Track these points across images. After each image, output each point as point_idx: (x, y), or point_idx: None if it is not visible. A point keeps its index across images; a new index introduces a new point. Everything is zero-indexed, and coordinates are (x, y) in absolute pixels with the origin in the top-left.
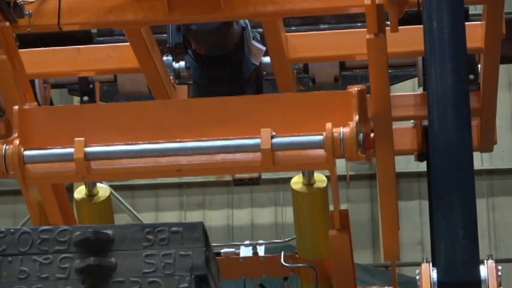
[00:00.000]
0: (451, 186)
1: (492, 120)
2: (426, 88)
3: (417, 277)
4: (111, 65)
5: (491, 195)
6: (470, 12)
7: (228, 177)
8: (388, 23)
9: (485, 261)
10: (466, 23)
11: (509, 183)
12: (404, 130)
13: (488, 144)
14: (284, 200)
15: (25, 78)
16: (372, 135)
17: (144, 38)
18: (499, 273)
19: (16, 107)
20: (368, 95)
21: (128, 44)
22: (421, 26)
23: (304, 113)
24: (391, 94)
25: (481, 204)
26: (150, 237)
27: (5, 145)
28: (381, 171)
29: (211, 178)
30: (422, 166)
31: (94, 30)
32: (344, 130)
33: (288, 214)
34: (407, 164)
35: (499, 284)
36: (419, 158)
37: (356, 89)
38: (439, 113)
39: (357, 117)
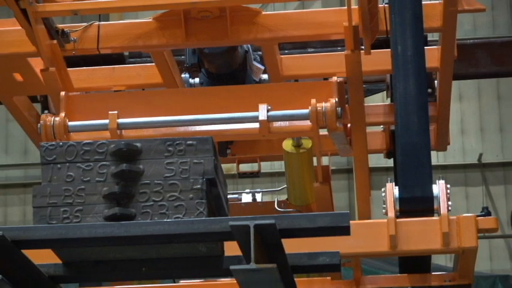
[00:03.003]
0: (413, 179)
1: (446, 125)
2: (393, 99)
3: (383, 194)
4: (140, 81)
5: None
6: (428, 39)
7: (234, 171)
8: (363, 47)
9: (437, 181)
10: (426, 47)
11: (459, 176)
12: (375, 133)
13: (443, 144)
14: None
15: (71, 87)
16: (349, 125)
17: (167, 59)
18: (448, 191)
19: (63, 93)
20: (347, 105)
21: (154, 64)
22: (389, 49)
23: (293, 95)
24: (365, 105)
25: None
26: (170, 148)
27: (53, 117)
28: (357, 152)
29: None
30: (390, 162)
31: (126, 53)
32: (326, 105)
33: None
34: (377, 160)
35: (448, 199)
36: (388, 155)
37: (336, 79)
38: (404, 119)
39: (337, 98)
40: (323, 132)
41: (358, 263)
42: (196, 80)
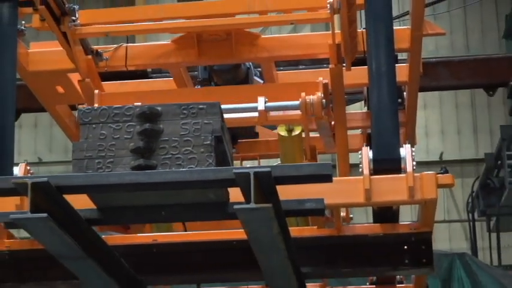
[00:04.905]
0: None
1: (413, 129)
2: (369, 108)
3: (359, 156)
4: None
5: None
6: (398, 58)
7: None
8: (345, 64)
9: (404, 145)
10: (396, 65)
11: (423, 171)
12: (355, 136)
13: (410, 145)
14: None
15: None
16: (333, 123)
17: (182, 74)
18: (413, 153)
19: (96, 91)
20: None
21: (172, 78)
22: (366, 66)
23: (287, 92)
24: (346, 112)
25: None
26: (185, 111)
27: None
28: (339, 149)
29: None
30: None
31: (149, 70)
32: (313, 97)
33: None
34: (356, 158)
35: (413, 159)
36: None
37: (321, 79)
38: (378, 124)
39: (322, 93)
40: (313, 134)
41: (338, 215)
42: None
